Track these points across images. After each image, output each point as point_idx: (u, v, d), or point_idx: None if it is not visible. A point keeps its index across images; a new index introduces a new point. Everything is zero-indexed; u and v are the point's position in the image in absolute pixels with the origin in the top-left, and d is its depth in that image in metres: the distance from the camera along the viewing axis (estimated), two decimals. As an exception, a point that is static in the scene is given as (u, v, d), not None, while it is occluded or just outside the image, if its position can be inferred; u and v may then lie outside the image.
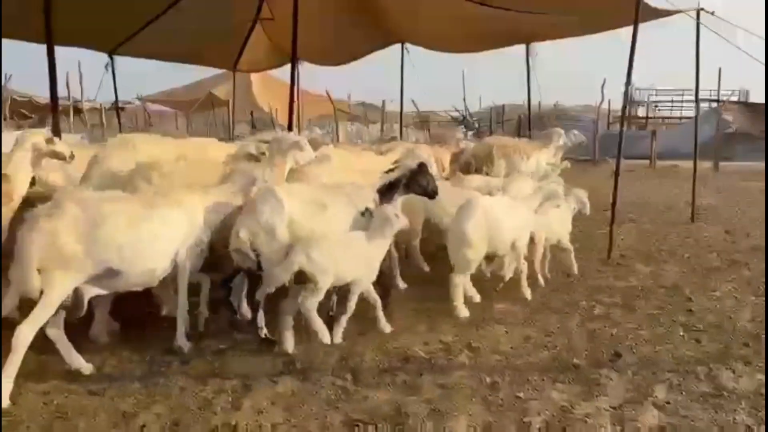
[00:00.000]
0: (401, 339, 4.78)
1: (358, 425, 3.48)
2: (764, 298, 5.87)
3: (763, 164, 21.87)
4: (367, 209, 4.94)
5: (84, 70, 24.20)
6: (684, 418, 3.55)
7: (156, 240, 4.18)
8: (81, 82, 24.89)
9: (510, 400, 3.76)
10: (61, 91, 18.25)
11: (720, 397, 3.82)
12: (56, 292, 3.75)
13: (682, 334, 4.94)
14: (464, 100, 32.46)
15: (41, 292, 3.70)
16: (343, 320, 4.69)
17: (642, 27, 8.15)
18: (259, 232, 4.47)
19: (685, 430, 3.43)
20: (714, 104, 29.60)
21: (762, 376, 4.13)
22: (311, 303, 4.42)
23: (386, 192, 5.18)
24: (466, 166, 8.49)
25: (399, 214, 4.88)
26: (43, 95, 25.67)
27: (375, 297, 4.84)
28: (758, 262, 7.33)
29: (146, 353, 4.47)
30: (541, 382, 4.01)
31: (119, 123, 15.23)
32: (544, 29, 10.11)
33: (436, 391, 3.90)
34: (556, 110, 35.09)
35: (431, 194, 5.45)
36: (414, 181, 5.30)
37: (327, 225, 4.71)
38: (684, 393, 3.88)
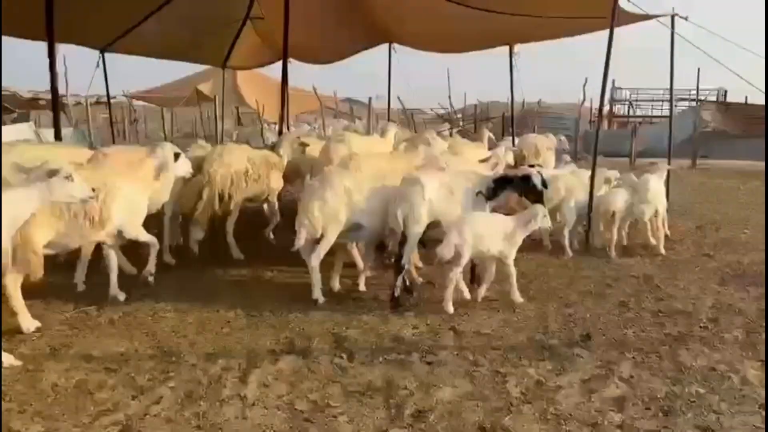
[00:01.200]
0: (392, 323, 5.19)
1: (354, 396, 3.86)
2: (728, 288, 6.33)
3: (739, 162, 22.69)
4: (479, 192, 5.86)
5: (67, 65, 24.30)
6: (644, 390, 3.98)
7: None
8: (66, 78, 24.96)
9: (490, 375, 4.18)
10: (44, 86, 18.41)
11: (678, 372, 4.26)
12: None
13: (648, 318, 5.39)
14: (449, 98, 32.88)
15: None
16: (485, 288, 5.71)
17: (624, 27, 8.64)
18: (408, 213, 5.52)
19: (644, 398, 3.85)
20: (693, 103, 30.36)
21: (719, 355, 4.58)
22: (455, 273, 5.41)
23: (499, 184, 5.98)
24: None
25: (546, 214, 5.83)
26: (24, 89, 25.74)
27: (512, 271, 5.64)
28: (725, 254, 7.81)
29: (156, 336, 4.83)
30: (518, 360, 4.42)
31: (110, 119, 15.37)
32: (525, 31, 10.53)
33: (424, 367, 4.31)
34: (539, 108, 35.65)
35: (535, 198, 6.04)
36: (521, 184, 6.04)
37: (455, 206, 5.73)
38: (646, 369, 4.31)
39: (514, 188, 6.07)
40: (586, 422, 3.56)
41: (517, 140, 11.58)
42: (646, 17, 8.81)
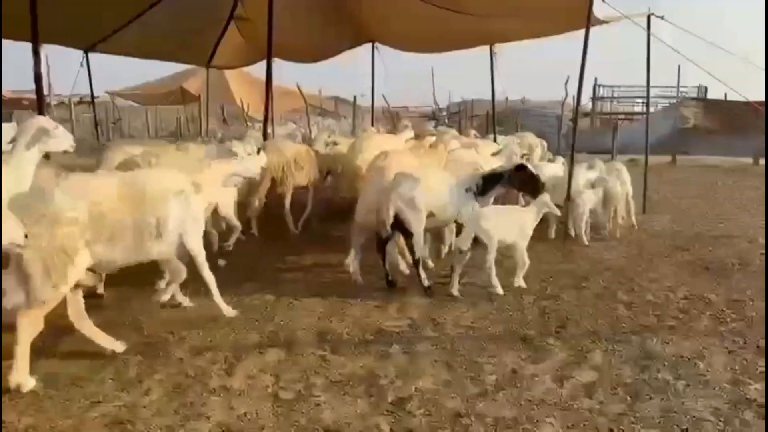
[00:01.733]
0: (373, 316, 5.35)
1: (336, 385, 4.02)
2: (700, 280, 6.56)
3: (718, 158, 23.08)
4: (468, 188, 6.25)
5: (49, 65, 24.17)
6: (614, 377, 4.17)
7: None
8: (49, 78, 24.84)
9: (468, 364, 4.35)
10: (27, 86, 18.33)
11: (647, 359, 4.45)
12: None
13: (621, 309, 5.59)
14: (434, 95, 33.08)
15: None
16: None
17: (607, 24, 8.86)
18: (403, 207, 5.84)
19: (613, 384, 4.04)
20: (674, 101, 30.81)
21: (686, 343, 4.78)
22: (490, 261, 5.86)
23: (488, 180, 6.32)
24: None
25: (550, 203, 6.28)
26: (6, 89, 25.53)
27: (525, 260, 6.11)
28: (699, 248, 8.04)
29: (144, 331, 4.95)
30: (495, 350, 4.60)
31: (95, 118, 15.39)
32: (504, 32, 10.72)
33: (404, 357, 4.48)
34: (523, 105, 35.96)
35: (534, 192, 6.39)
36: (516, 178, 6.35)
37: (444, 200, 6.14)
38: (617, 357, 4.50)
39: (507, 183, 6.39)
40: (557, 407, 3.74)
41: (501, 138, 11.77)
42: (621, 18, 9.01)
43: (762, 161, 21.73)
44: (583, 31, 7.97)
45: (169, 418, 3.61)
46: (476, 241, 5.85)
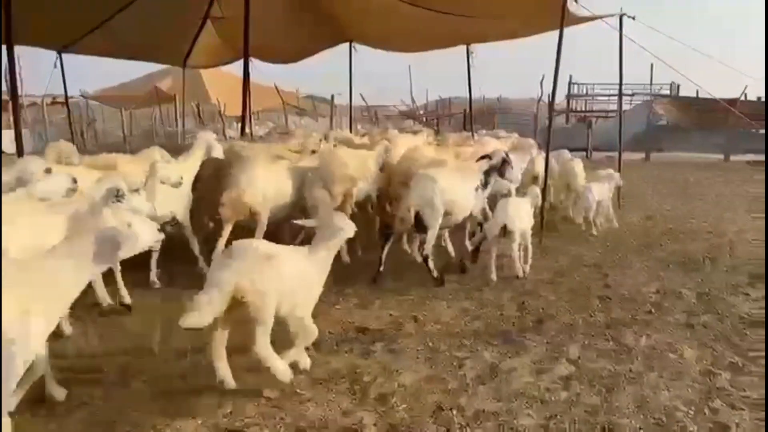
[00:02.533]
0: (356, 315, 5.43)
1: (321, 383, 4.09)
2: (672, 275, 6.75)
3: (691, 154, 23.56)
4: (477, 187, 6.71)
5: (21, 65, 23.75)
6: (590, 370, 4.30)
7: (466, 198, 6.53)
8: (21, 78, 24.40)
9: (448, 359, 4.46)
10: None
11: (622, 353, 4.60)
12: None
13: (597, 304, 5.74)
14: (411, 94, 33.26)
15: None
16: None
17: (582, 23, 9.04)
18: (423, 206, 6.12)
19: (589, 377, 4.17)
20: (647, 98, 31.31)
21: (659, 336, 4.94)
22: (515, 248, 6.43)
23: (486, 174, 6.80)
24: None
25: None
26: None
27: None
28: (671, 243, 8.27)
29: (128, 333, 4.97)
30: (475, 345, 4.71)
31: (69, 120, 15.23)
32: (481, 32, 10.86)
33: (387, 355, 4.56)
34: (499, 104, 36.29)
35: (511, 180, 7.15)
36: (499, 166, 6.86)
37: (461, 198, 6.48)
38: (592, 350, 4.64)
39: (496, 173, 6.89)
40: (535, 399, 3.86)
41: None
42: (594, 18, 9.20)
43: (732, 158, 22.28)
44: (557, 31, 8.11)
45: (155, 417, 3.66)
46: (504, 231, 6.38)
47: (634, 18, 10.48)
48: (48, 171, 5.07)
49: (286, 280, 3.84)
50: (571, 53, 8.80)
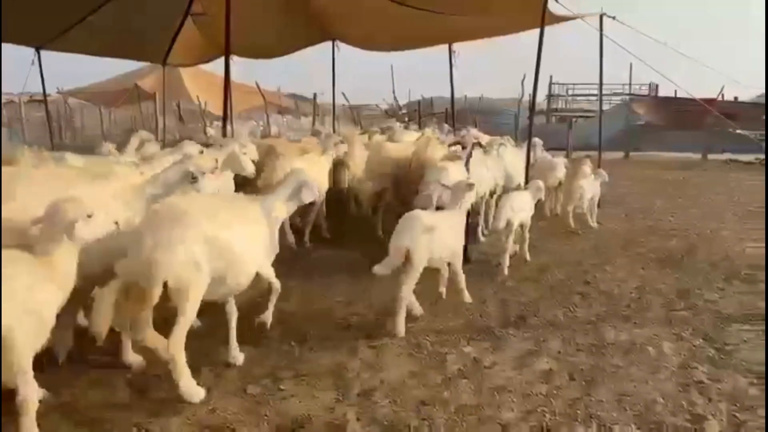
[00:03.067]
0: (340, 312, 5.44)
1: (304, 379, 4.09)
2: (651, 272, 6.85)
3: (670, 153, 23.89)
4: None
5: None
6: (570, 364, 4.36)
7: None
8: (-1, 75, 24.00)
9: (431, 355, 4.49)
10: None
11: (602, 347, 4.66)
12: None
13: (577, 300, 5.81)
14: (394, 93, 33.25)
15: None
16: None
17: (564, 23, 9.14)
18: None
19: (570, 371, 4.23)
20: (627, 98, 31.66)
21: (638, 331, 5.02)
22: (510, 241, 6.65)
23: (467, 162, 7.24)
24: None
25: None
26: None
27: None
28: (650, 241, 8.38)
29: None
30: (457, 341, 4.75)
31: (48, 118, 15.02)
32: (462, 31, 10.91)
33: (370, 351, 4.59)
34: (481, 103, 36.45)
35: None
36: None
37: None
38: (573, 345, 4.70)
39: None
40: (516, 393, 3.90)
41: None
42: (575, 17, 9.30)
43: (710, 156, 22.63)
44: (539, 30, 8.18)
45: (138, 414, 3.64)
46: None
47: (614, 18, 10.63)
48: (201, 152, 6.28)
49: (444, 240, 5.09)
50: (552, 53, 8.91)
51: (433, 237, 4.92)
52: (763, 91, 30.21)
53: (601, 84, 11.55)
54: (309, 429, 3.50)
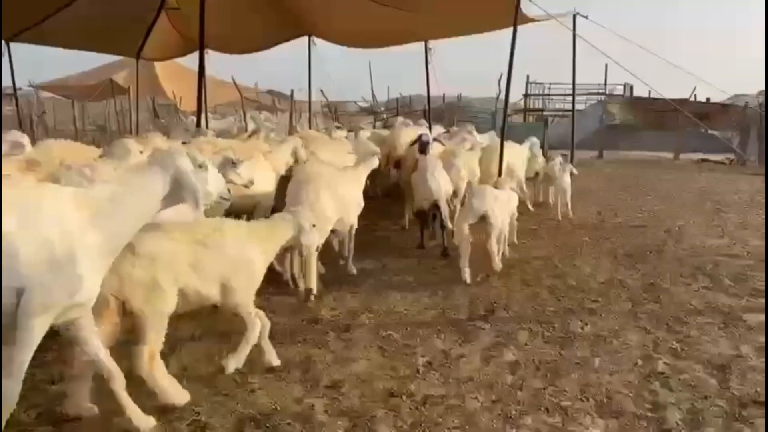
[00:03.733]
0: (311, 306, 5.44)
1: (272, 372, 4.10)
2: (619, 267, 6.96)
3: (643, 153, 24.24)
4: None
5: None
6: (537, 356, 4.42)
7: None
8: (-32, 68, 23.51)
9: (401, 348, 4.53)
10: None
11: (568, 339, 4.74)
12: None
13: (546, 294, 5.89)
14: (372, 90, 33.25)
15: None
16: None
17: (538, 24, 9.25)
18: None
19: (536, 362, 4.29)
20: (601, 97, 32.03)
21: (604, 324, 5.11)
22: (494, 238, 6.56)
23: None
24: None
25: None
26: None
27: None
28: (620, 236, 8.53)
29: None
30: (427, 334, 4.79)
31: (18, 112, 14.77)
32: (438, 29, 10.98)
33: (340, 344, 4.60)
34: (459, 102, 36.63)
35: None
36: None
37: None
38: (540, 337, 4.77)
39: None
40: (482, 384, 3.95)
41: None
42: (548, 17, 9.40)
43: (682, 156, 23.02)
44: (521, 30, 8.29)
45: (105, 406, 3.61)
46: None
47: (587, 17, 10.79)
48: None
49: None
50: (530, 53, 9.02)
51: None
52: (737, 93, 30.84)
53: (574, 83, 11.74)
54: (275, 420, 3.51)
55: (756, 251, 7.72)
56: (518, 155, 9.84)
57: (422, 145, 7.51)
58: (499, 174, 8.31)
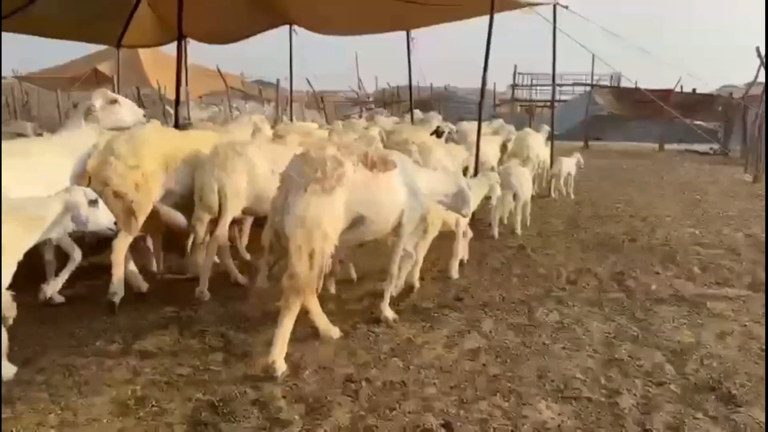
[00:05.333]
0: (272, 292, 5.42)
1: (233, 360, 4.12)
2: (590, 256, 7.02)
3: (628, 143, 24.38)
4: None
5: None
6: (499, 342, 4.47)
7: None
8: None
9: (365, 335, 4.56)
10: None
11: (531, 327, 4.79)
12: None
13: (515, 282, 5.94)
14: (359, 81, 33.20)
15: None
16: None
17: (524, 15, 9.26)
18: None
19: (497, 349, 4.34)
20: (588, 88, 32.12)
21: (568, 311, 5.16)
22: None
23: None
24: None
25: None
26: None
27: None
28: (595, 226, 8.61)
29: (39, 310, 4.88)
30: (393, 322, 4.81)
31: (0, 102, 14.59)
32: (418, 17, 10.95)
33: (305, 332, 4.55)
34: (446, 92, 36.62)
35: None
36: None
37: None
38: (504, 325, 4.81)
39: None
40: (442, 370, 3.99)
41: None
42: (526, 4, 9.40)
43: (667, 147, 23.17)
44: (505, 20, 8.29)
45: (62, 392, 3.63)
46: None
47: (567, 8, 10.77)
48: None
49: None
50: (518, 42, 9.05)
51: None
52: (724, 84, 31.00)
53: (554, 74, 11.72)
54: (233, 407, 3.53)
55: (727, 240, 7.82)
56: (540, 142, 11.20)
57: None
58: (476, 160, 8.34)
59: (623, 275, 6.24)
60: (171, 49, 17.48)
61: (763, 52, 14.22)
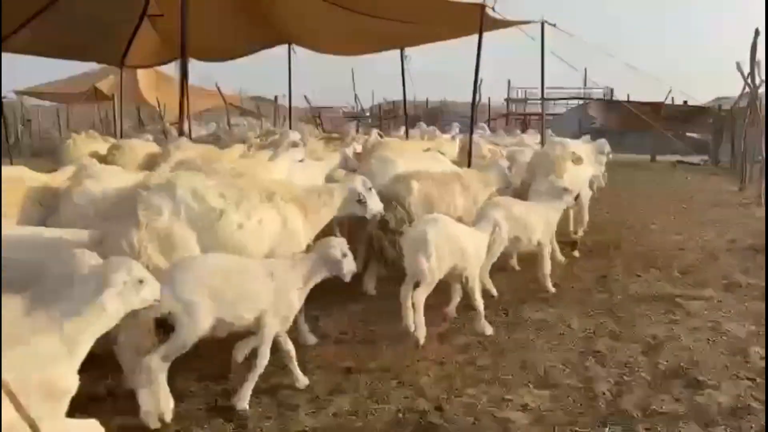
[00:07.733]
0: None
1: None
2: (577, 260, 7.39)
3: (621, 155, 24.75)
4: None
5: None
6: (488, 338, 4.84)
7: None
8: (-49, 77, 23.55)
9: (363, 332, 4.94)
10: None
11: (517, 325, 5.16)
12: None
13: (504, 285, 6.28)
14: (355, 96, 33.67)
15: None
16: None
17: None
18: None
19: (485, 344, 4.71)
20: (581, 101, 32.73)
21: (553, 310, 5.53)
22: None
23: None
24: None
25: None
26: None
27: None
28: (583, 234, 8.95)
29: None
30: (391, 318, 5.08)
31: (3, 120, 14.91)
32: (411, 35, 11.41)
33: (309, 325, 4.95)
34: (442, 106, 37.21)
35: None
36: None
37: None
38: (493, 323, 5.16)
39: None
40: (435, 361, 4.38)
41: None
42: (515, 23, 9.85)
43: (659, 158, 23.63)
44: (501, 37, 8.72)
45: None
46: None
47: (554, 25, 11.23)
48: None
49: None
50: (512, 58, 9.48)
51: None
52: (718, 96, 31.50)
53: (542, 88, 12.15)
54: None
55: (708, 246, 8.20)
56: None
57: None
58: (468, 166, 8.72)
59: (606, 279, 6.62)
60: (170, 69, 17.97)
61: (763, 53, 14.39)
